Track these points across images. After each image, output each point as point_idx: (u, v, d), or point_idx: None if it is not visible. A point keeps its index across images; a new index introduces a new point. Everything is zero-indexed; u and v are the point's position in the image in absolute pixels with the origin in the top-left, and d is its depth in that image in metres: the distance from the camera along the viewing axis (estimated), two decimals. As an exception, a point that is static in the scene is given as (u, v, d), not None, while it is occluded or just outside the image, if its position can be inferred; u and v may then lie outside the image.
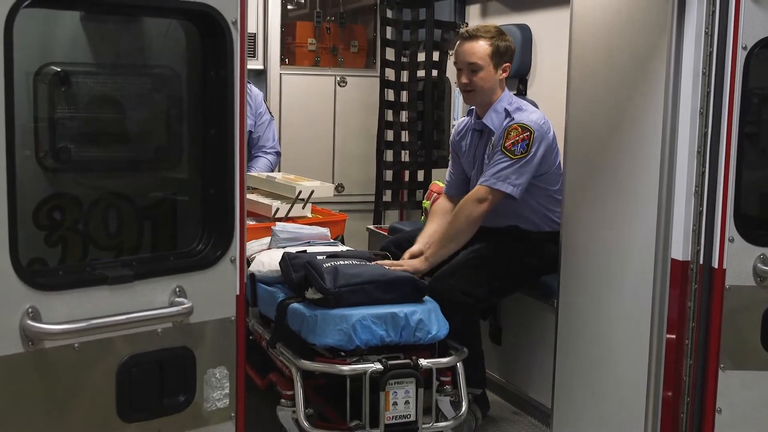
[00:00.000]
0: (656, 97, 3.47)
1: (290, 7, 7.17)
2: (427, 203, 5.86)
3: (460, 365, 3.82)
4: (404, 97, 6.68)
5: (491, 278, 4.34)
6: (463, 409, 3.81)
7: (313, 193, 5.04)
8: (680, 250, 3.45)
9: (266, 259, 4.21)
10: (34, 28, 2.67)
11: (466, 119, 4.77)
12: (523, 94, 5.58)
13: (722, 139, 3.34)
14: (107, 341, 2.49)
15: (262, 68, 6.86)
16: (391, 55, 6.68)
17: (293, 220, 4.94)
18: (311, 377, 3.74)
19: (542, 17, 5.55)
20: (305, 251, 4.16)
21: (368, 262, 4.06)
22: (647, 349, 3.56)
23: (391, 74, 6.70)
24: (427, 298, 3.83)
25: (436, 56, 6.51)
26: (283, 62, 6.94)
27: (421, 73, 6.59)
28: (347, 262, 3.89)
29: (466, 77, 4.45)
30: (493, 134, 4.44)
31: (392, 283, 3.76)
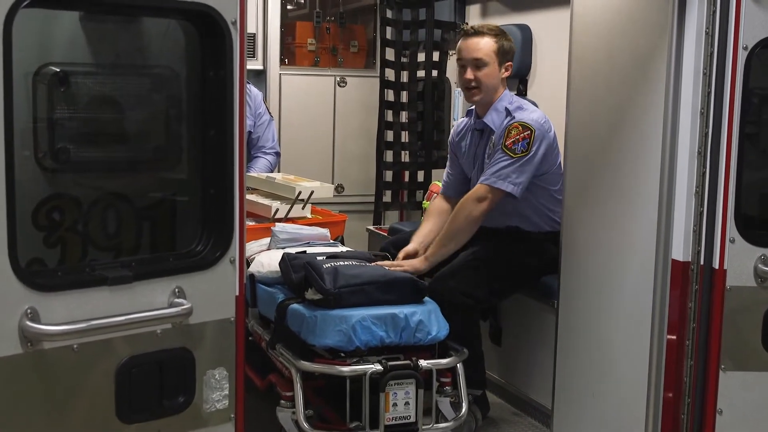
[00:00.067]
0: (657, 97, 3.46)
1: (290, 7, 7.15)
2: (427, 204, 5.85)
3: (460, 366, 3.81)
4: (404, 97, 6.66)
5: (491, 279, 4.33)
6: (463, 410, 3.80)
7: (312, 193, 5.04)
8: (681, 250, 3.45)
9: (266, 259, 4.21)
10: (33, 28, 2.66)
11: (465, 120, 4.76)
12: (523, 94, 5.57)
13: (723, 139, 3.33)
14: (106, 342, 2.49)
15: (261, 68, 6.85)
16: (391, 55, 6.67)
17: (293, 220, 4.93)
18: (311, 378, 3.74)
19: (542, 17, 5.54)
20: (305, 252, 4.15)
21: (368, 262, 4.05)
22: (648, 349, 3.55)
23: (391, 74, 6.69)
24: (427, 299, 3.82)
25: (436, 56, 6.50)
26: (282, 62, 6.93)
27: (421, 73, 6.58)
28: (347, 262, 3.89)
29: (470, 73, 4.43)
30: (493, 133, 4.43)
31: (392, 283, 3.75)
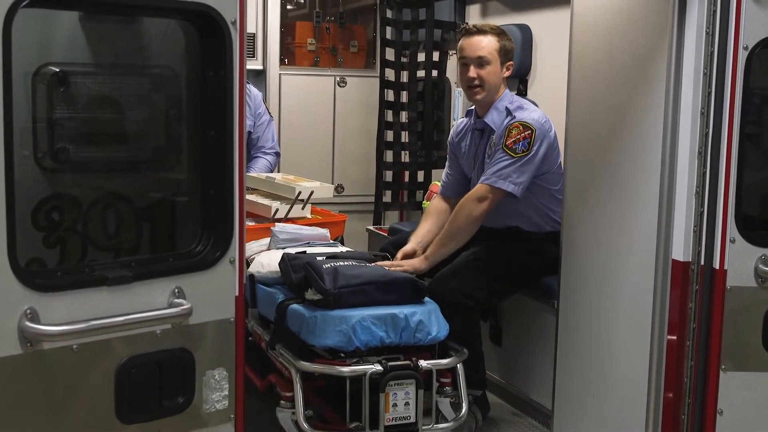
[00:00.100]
0: (657, 97, 3.46)
1: (290, 7, 7.15)
2: (427, 204, 5.84)
3: (460, 366, 3.81)
4: (404, 97, 6.66)
5: (491, 280, 4.33)
6: (463, 410, 3.80)
7: (312, 193, 5.03)
8: (681, 250, 3.44)
9: (266, 260, 4.21)
10: (32, 28, 2.66)
11: (465, 120, 4.75)
12: (523, 94, 5.56)
13: (723, 139, 3.33)
14: (106, 343, 2.49)
15: (261, 68, 6.84)
16: (390, 55, 6.66)
17: (293, 220, 4.93)
18: (311, 378, 3.73)
19: (543, 17, 5.54)
20: (305, 252, 4.15)
21: (368, 263, 4.05)
22: (648, 350, 3.55)
23: (390, 74, 6.69)
24: (427, 299, 3.82)
25: (436, 56, 6.49)
26: (282, 62, 6.92)
27: (421, 73, 6.57)
28: (347, 263, 3.88)
29: (473, 71, 4.42)
30: (494, 133, 4.43)
31: (392, 284, 3.75)
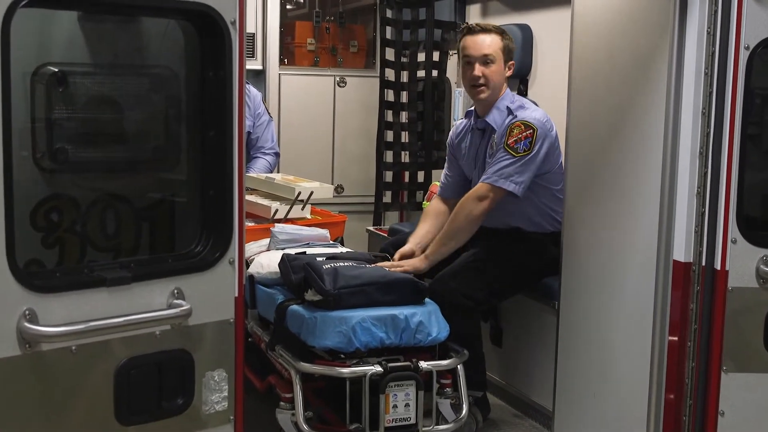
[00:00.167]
0: (658, 97, 3.45)
1: (289, 6, 7.14)
2: (427, 204, 5.84)
3: (460, 367, 3.80)
4: (404, 97, 6.65)
5: (492, 280, 4.32)
6: (463, 411, 3.79)
7: (312, 194, 5.02)
8: (682, 251, 3.43)
9: (265, 260, 4.20)
10: (31, 28, 2.66)
11: (464, 121, 4.74)
12: (524, 94, 5.56)
13: (724, 139, 3.32)
14: (105, 344, 2.48)
15: (261, 68, 6.84)
16: (390, 55, 6.66)
17: (292, 221, 4.92)
18: (311, 380, 3.73)
19: (543, 17, 5.53)
20: (304, 253, 4.14)
21: (368, 263, 4.04)
22: (649, 351, 3.54)
23: (390, 74, 6.68)
24: (427, 300, 3.81)
25: (436, 56, 6.49)
26: (282, 62, 6.92)
27: (421, 73, 6.56)
28: (347, 263, 3.88)
29: (478, 70, 4.40)
30: (495, 132, 4.42)
31: (392, 284, 3.74)
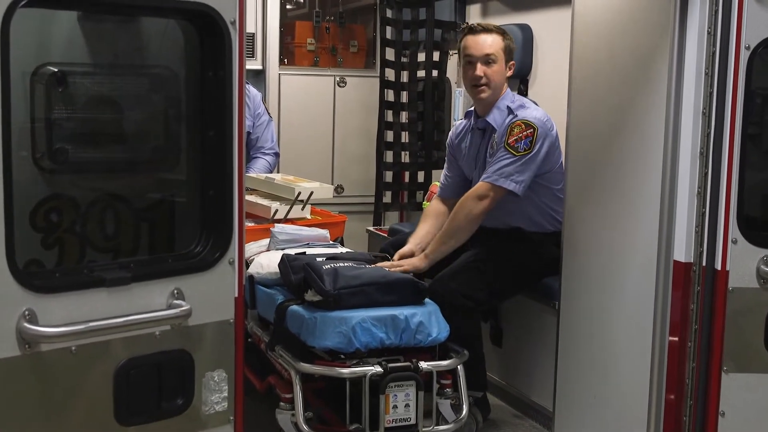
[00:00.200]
0: (658, 97, 3.44)
1: (289, 6, 7.13)
2: (427, 204, 5.83)
3: (460, 368, 3.80)
4: (404, 97, 6.65)
5: (492, 281, 4.31)
6: (463, 412, 3.79)
7: (312, 194, 5.02)
8: (683, 251, 3.43)
9: (265, 260, 4.19)
10: (30, 27, 2.65)
11: (463, 122, 4.74)
12: (524, 94, 5.55)
13: (725, 139, 3.31)
14: (104, 344, 2.48)
15: (260, 68, 6.83)
16: (390, 55, 6.65)
17: (292, 221, 4.91)
18: (310, 380, 3.72)
19: (543, 17, 5.53)
20: (304, 253, 4.14)
21: (368, 264, 4.04)
22: (649, 351, 3.54)
23: (390, 74, 6.68)
24: (427, 300, 3.81)
25: (436, 56, 6.48)
26: (282, 62, 6.91)
27: (421, 73, 6.56)
28: (347, 263, 3.87)
29: (480, 70, 4.40)
30: (495, 132, 4.41)
31: (392, 285, 3.74)
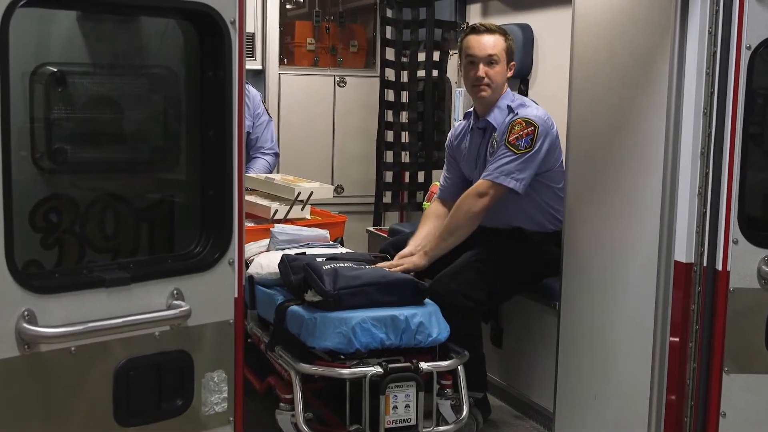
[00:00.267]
0: (659, 97, 3.44)
1: (289, 6, 7.13)
2: (427, 204, 5.83)
3: (461, 368, 3.79)
4: (404, 97, 6.64)
5: (492, 281, 4.30)
6: (464, 413, 3.78)
7: (312, 194, 5.01)
8: (684, 251, 3.42)
9: (265, 261, 4.19)
10: (30, 27, 2.65)
11: (463, 122, 4.73)
12: (524, 94, 5.55)
13: (726, 139, 3.31)
14: (104, 345, 2.47)
15: (260, 68, 6.83)
16: (391, 55, 6.65)
17: (292, 221, 4.91)
18: (310, 381, 3.72)
19: (544, 17, 5.52)
20: (304, 253, 4.13)
21: (368, 264, 4.03)
22: (650, 351, 3.53)
23: (391, 74, 6.67)
24: (427, 300, 3.80)
25: (436, 56, 6.48)
26: (281, 62, 6.91)
27: (421, 73, 6.56)
28: (347, 264, 3.87)
29: (482, 70, 4.39)
30: (496, 131, 4.41)
31: (392, 285, 3.73)
